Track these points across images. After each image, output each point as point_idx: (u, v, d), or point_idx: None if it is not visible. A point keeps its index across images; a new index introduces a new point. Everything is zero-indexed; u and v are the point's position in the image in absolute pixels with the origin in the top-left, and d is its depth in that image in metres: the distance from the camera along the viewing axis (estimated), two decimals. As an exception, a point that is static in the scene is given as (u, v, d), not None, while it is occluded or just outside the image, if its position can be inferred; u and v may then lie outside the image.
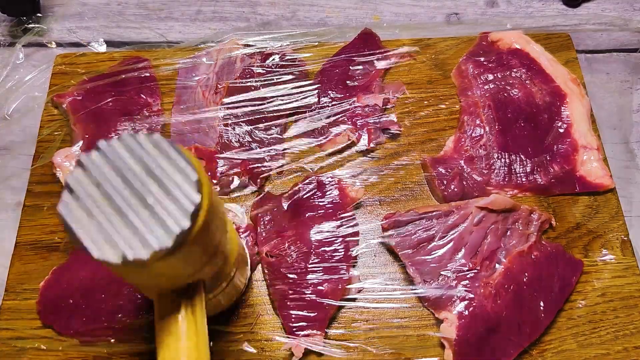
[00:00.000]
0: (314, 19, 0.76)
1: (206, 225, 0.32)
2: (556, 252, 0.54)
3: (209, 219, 0.32)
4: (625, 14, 0.75)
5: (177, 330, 0.35)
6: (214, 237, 0.36)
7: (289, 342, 0.50)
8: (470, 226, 0.53)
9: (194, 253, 0.33)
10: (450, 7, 0.76)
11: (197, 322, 0.36)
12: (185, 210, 0.30)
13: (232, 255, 0.43)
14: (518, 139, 0.60)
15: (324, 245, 0.54)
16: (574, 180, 0.58)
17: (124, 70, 0.65)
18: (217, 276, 0.41)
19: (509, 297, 0.51)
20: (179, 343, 0.35)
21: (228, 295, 0.48)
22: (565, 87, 0.61)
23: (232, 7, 0.76)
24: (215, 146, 0.60)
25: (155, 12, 0.76)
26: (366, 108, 0.62)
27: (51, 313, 0.53)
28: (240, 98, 0.63)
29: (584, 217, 0.57)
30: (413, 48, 0.66)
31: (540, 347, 0.51)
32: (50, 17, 0.75)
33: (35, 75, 0.68)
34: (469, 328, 0.50)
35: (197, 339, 0.36)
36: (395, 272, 0.55)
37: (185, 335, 0.35)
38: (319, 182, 0.57)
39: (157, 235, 0.29)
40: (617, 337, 0.52)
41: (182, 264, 0.33)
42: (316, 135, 0.61)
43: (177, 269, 0.34)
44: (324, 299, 0.51)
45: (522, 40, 0.65)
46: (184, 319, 0.36)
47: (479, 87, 0.63)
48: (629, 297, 0.53)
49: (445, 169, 0.58)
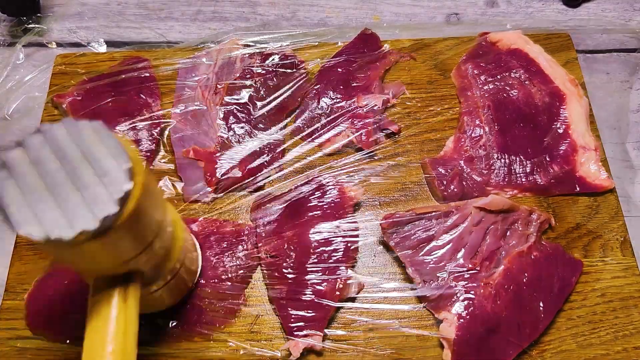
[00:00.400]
0: (314, 19, 0.76)
1: (137, 214, 0.33)
2: (556, 253, 0.54)
3: (141, 209, 0.33)
4: (625, 14, 0.75)
5: (107, 315, 0.36)
6: (148, 227, 0.36)
7: (288, 342, 0.50)
8: (470, 226, 0.53)
9: (124, 240, 0.34)
10: (450, 7, 0.76)
11: (128, 310, 0.37)
12: (115, 196, 0.31)
13: (175, 250, 0.44)
14: (518, 139, 0.60)
15: (324, 246, 0.54)
16: (573, 181, 0.58)
17: (124, 70, 0.65)
18: (158, 269, 0.42)
19: (508, 297, 0.51)
20: (107, 327, 0.36)
21: (174, 291, 0.49)
22: (564, 87, 0.61)
23: (232, 7, 0.77)
24: (215, 146, 0.60)
25: (155, 12, 0.76)
26: (366, 108, 0.62)
27: (41, 324, 0.52)
28: (240, 98, 0.63)
29: (583, 218, 0.57)
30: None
31: (539, 348, 0.51)
32: (50, 17, 0.75)
33: (35, 75, 0.68)
34: (469, 328, 0.50)
35: (126, 326, 0.36)
36: (395, 272, 0.55)
37: (115, 321, 0.36)
38: (318, 182, 0.57)
39: (83, 218, 0.30)
40: (616, 338, 0.52)
41: (112, 250, 0.34)
42: (316, 135, 0.61)
43: (107, 255, 0.34)
44: (323, 299, 0.51)
45: (521, 40, 0.65)
46: (115, 305, 0.37)
47: (479, 87, 0.63)
48: (628, 298, 0.53)
49: (444, 169, 0.58)
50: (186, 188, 0.58)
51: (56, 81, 0.66)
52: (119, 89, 0.64)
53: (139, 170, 0.33)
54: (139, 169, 0.33)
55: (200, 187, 0.58)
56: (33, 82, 0.68)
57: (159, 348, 0.51)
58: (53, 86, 0.65)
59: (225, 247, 0.55)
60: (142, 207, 0.33)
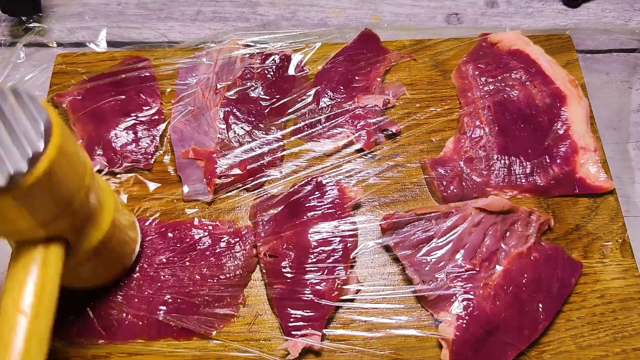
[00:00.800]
0: (314, 19, 0.76)
1: (50, 176, 0.34)
2: (555, 254, 0.54)
3: (56, 171, 0.35)
4: (625, 14, 0.75)
5: (25, 277, 0.37)
6: (64, 190, 0.37)
7: (286, 342, 0.50)
8: (470, 227, 0.53)
9: (37, 200, 0.35)
10: (450, 7, 0.76)
11: (47, 274, 0.38)
12: (25, 155, 0.33)
13: (104, 219, 0.45)
14: (518, 140, 0.60)
15: (323, 246, 0.54)
16: (573, 182, 0.58)
17: (124, 70, 0.65)
18: (82, 236, 0.43)
19: (507, 298, 0.51)
20: (23, 289, 0.37)
21: (108, 265, 0.50)
22: (565, 88, 0.61)
23: (232, 7, 0.77)
24: (214, 146, 0.60)
25: (155, 12, 0.76)
26: (366, 109, 0.62)
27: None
28: (240, 98, 0.63)
29: (583, 219, 0.57)
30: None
31: (538, 349, 0.51)
32: (51, 16, 0.75)
33: (35, 74, 0.68)
34: (468, 329, 0.50)
35: (43, 290, 0.37)
36: (394, 272, 0.55)
37: (32, 284, 0.37)
38: (318, 182, 0.57)
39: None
40: (615, 339, 0.51)
41: (26, 210, 0.35)
42: (316, 135, 0.61)
43: (21, 215, 0.35)
44: (322, 299, 0.51)
45: (521, 41, 0.65)
46: (33, 269, 0.38)
47: (479, 88, 0.63)
48: (628, 299, 0.53)
49: (444, 170, 0.58)
50: (186, 187, 0.59)
51: (56, 80, 0.66)
52: (119, 88, 0.64)
53: (57, 133, 0.35)
54: (56, 132, 0.35)
55: (200, 187, 0.58)
56: (33, 82, 0.68)
57: (157, 346, 0.51)
58: (53, 85, 0.65)
59: (224, 246, 0.55)
60: (57, 169, 0.35)
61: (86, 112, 0.62)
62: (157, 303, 0.52)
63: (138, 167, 0.60)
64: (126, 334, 0.51)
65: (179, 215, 0.58)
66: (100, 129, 0.61)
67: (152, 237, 0.55)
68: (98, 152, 0.60)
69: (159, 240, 0.55)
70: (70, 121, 0.62)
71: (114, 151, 0.60)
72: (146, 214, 0.57)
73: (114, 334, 0.51)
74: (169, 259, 0.54)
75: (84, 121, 0.61)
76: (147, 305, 0.52)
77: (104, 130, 0.61)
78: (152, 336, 0.52)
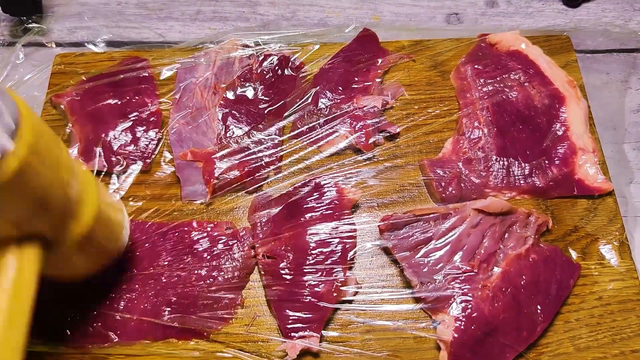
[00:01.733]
0: (314, 19, 0.75)
1: (21, 175, 0.33)
2: (554, 255, 0.54)
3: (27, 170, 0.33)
4: (625, 14, 0.75)
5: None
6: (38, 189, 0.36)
7: (285, 344, 0.50)
8: (468, 229, 0.53)
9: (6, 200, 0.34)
10: (450, 7, 0.76)
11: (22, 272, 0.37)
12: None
13: (86, 213, 0.43)
14: (516, 141, 0.59)
15: (321, 247, 0.54)
16: (572, 183, 0.58)
17: (123, 70, 0.65)
18: (63, 232, 0.41)
19: (506, 300, 0.51)
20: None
21: (93, 257, 0.48)
22: (564, 89, 0.61)
23: (232, 7, 0.76)
24: (213, 147, 0.60)
25: (155, 12, 0.76)
26: (365, 109, 0.62)
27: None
28: (239, 99, 0.63)
29: (581, 220, 0.57)
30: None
31: (537, 351, 0.51)
32: (51, 17, 0.75)
33: (34, 74, 0.68)
34: (466, 330, 0.50)
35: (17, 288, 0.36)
36: (392, 274, 0.55)
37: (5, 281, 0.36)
38: (316, 183, 0.57)
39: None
40: (614, 341, 0.51)
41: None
42: (314, 136, 0.61)
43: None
44: (320, 300, 0.51)
45: (520, 42, 0.64)
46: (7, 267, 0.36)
47: (478, 89, 0.63)
48: (626, 301, 0.53)
49: (443, 171, 0.58)
50: (184, 188, 0.59)
51: (55, 81, 0.66)
52: (117, 88, 0.64)
53: (27, 131, 0.33)
54: (27, 129, 0.33)
55: (199, 188, 0.58)
56: (32, 82, 0.68)
57: (155, 347, 0.51)
58: (52, 86, 0.65)
59: (223, 248, 0.55)
60: (28, 168, 0.33)
61: (84, 113, 0.62)
62: (161, 304, 0.52)
63: (136, 168, 0.60)
64: (130, 336, 0.51)
65: (178, 217, 0.58)
66: (99, 130, 0.61)
67: (150, 238, 0.55)
68: (97, 153, 0.60)
69: (157, 241, 0.55)
70: (69, 121, 0.62)
71: (113, 152, 0.60)
72: (144, 215, 0.57)
73: (118, 336, 0.51)
74: (167, 261, 0.54)
75: (82, 122, 0.61)
76: (150, 307, 0.52)
77: (103, 131, 0.61)
78: (157, 337, 0.52)
